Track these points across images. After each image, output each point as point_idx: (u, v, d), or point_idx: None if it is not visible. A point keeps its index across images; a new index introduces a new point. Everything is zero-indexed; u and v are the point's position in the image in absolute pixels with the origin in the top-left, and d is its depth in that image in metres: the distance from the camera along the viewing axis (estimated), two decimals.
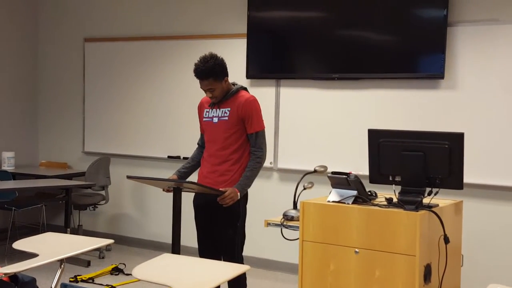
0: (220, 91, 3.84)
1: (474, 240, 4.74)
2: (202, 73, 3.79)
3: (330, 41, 5.45)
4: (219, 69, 3.80)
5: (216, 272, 2.80)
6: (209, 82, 3.79)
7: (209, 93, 3.84)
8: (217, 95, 3.84)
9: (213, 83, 3.80)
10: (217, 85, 3.81)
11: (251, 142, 3.88)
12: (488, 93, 4.87)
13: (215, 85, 3.80)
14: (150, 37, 6.45)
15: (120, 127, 6.70)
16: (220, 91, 3.84)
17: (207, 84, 3.80)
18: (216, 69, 3.79)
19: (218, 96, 3.85)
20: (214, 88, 3.81)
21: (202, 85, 3.84)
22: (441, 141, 3.05)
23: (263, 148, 3.89)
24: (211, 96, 3.86)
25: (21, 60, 7.09)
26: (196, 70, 3.80)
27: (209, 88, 3.82)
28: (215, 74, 3.78)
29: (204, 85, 3.83)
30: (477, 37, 4.89)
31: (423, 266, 2.97)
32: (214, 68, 3.78)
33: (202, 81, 3.82)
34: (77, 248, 3.14)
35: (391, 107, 5.23)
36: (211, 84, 3.80)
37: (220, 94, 3.85)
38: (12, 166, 6.66)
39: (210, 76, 3.78)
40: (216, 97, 3.86)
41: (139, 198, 6.68)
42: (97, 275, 5.45)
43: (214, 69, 3.78)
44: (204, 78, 3.79)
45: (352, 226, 3.10)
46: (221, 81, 3.82)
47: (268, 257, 5.79)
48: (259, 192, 5.42)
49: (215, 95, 3.84)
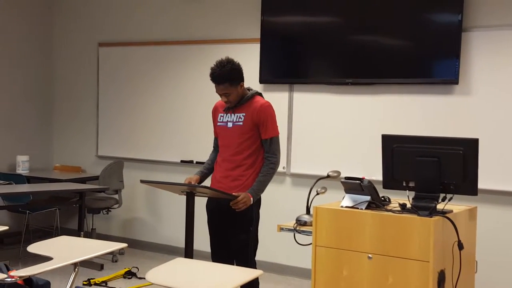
0: (236, 96, 3.84)
1: (488, 247, 4.71)
2: (218, 77, 3.78)
3: (343, 46, 5.44)
4: (236, 74, 3.80)
5: (229, 277, 2.80)
6: (225, 86, 3.79)
7: (225, 98, 3.84)
8: (232, 100, 3.84)
9: (229, 88, 3.79)
10: (233, 90, 3.81)
11: (265, 147, 3.87)
12: (503, 99, 4.83)
13: (231, 90, 3.80)
14: (163, 41, 6.48)
15: (133, 131, 6.73)
16: (236, 96, 3.84)
17: (222, 88, 3.80)
18: (233, 74, 3.78)
19: (233, 101, 3.85)
20: (230, 93, 3.81)
21: (217, 89, 3.84)
22: (455, 146, 3.03)
23: (277, 154, 3.88)
24: (226, 101, 3.86)
25: (35, 64, 7.15)
26: (213, 74, 3.80)
27: (224, 93, 3.81)
28: (231, 79, 3.78)
29: (219, 89, 3.82)
30: (491, 42, 4.86)
31: (437, 273, 2.95)
32: (230, 73, 3.78)
33: (218, 86, 3.81)
34: (90, 251, 3.16)
35: (405, 112, 5.21)
36: (226, 89, 3.79)
37: (235, 99, 3.85)
38: (27, 169, 6.70)
39: (226, 80, 3.77)
40: (231, 102, 3.86)
41: (152, 202, 6.70)
42: (110, 278, 5.47)
43: (230, 74, 3.77)
44: (220, 83, 3.79)
45: (366, 232, 3.08)
46: (237, 86, 3.82)
47: (281, 262, 5.78)
48: (272, 197, 5.42)
49: (230, 99, 3.84)
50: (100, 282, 5.35)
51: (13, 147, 6.87)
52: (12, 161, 6.77)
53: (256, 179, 3.84)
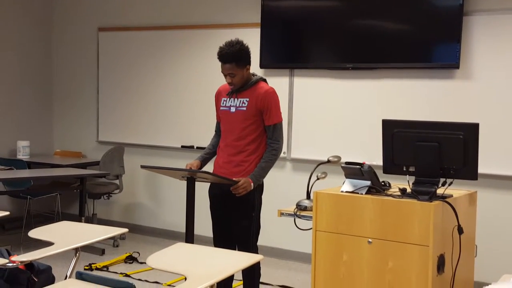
0: (240, 78, 3.81)
1: (488, 231, 4.72)
2: (225, 56, 3.76)
3: (344, 30, 5.42)
4: (243, 55, 3.78)
5: (230, 262, 2.81)
6: (231, 66, 3.76)
7: (229, 79, 3.81)
8: (236, 82, 3.81)
9: (235, 69, 3.76)
10: (238, 71, 3.78)
11: (268, 134, 3.86)
12: (504, 83, 4.82)
13: (236, 70, 3.77)
14: (164, 26, 6.45)
15: (134, 117, 6.73)
16: (240, 78, 3.81)
17: (228, 68, 3.77)
18: (240, 55, 3.76)
19: (237, 83, 3.82)
20: (235, 73, 3.78)
21: (223, 68, 3.81)
22: (456, 131, 3.03)
23: (280, 141, 3.87)
24: (230, 82, 3.82)
25: (35, 49, 7.13)
26: (221, 52, 3.77)
27: (229, 73, 3.78)
28: (239, 59, 3.75)
29: (225, 68, 3.79)
30: (493, 26, 4.84)
31: (436, 257, 2.96)
32: (238, 53, 3.76)
33: (224, 65, 3.78)
34: (91, 236, 3.17)
35: (406, 97, 5.21)
36: (232, 69, 3.76)
37: (239, 81, 3.82)
38: (27, 155, 6.71)
39: (233, 60, 3.75)
40: (235, 84, 3.83)
41: (153, 187, 6.71)
42: (111, 263, 5.49)
43: (238, 54, 3.75)
44: (227, 62, 3.76)
45: (366, 216, 3.09)
46: (243, 68, 3.79)
47: (282, 247, 5.81)
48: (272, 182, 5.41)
49: (234, 81, 3.81)
50: (101, 267, 5.37)
51: (14, 132, 6.87)
52: (13, 147, 6.77)
53: (258, 164, 3.83)
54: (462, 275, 3.24)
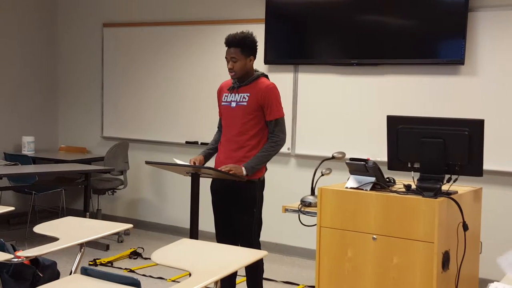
0: (242, 66, 3.81)
1: (493, 227, 4.71)
2: (231, 39, 3.82)
3: (348, 26, 5.41)
4: (249, 43, 3.82)
5: (234, 258, 2.81)
6: (235, 51, 3.79)
7: (231, 64, 3.82)
8: (237, 70, 3.82)
9: (238, 54, 3.79)
10: (241, 58, 3.80)
11: (269, 129, 3.86)
12: (509, 79, 4.80)
13: (240, 57, 3.79)
14: (168, 22, 6.45)
15: (138, 112, 6.73)
16: (241, 67, 3.82)
17: (232, 52, 3.80)
18: (246, 42, 3.81)
19: (237, 71, 3.82)
20: (237, 59, 3.79)
21: (227, 53, 3.84)
22: (461, 127, 3.02)
23: (281, 135, 3.87)
24: (231, 68, 3.83)
25: (40, 45, 7.13)
26: (228, 36, 3.84)
27: (232, 57, 3.80)
28: (244, 45, 3.80)
29: (229, 53, 3.83)
30: (498, 22, 4.82)
31: (441, 253, 2.96)
32: (244, 39, 3.81)
33: (229, 49, 3.82)
34: (96, 232, 3.17)
35: (410, 93, 5.19)
36: (236, 54, 3.79)
37: (240, 70, 3.82)
38: (32, 150, 6.72)
39: (238, 45, 3.79)
40: (236, 72, 3.83)
41: (157, 183, 6.72)
42: (116, 259, 5.51)
43: (244, 40, 3.81)
44: (231, 46, 3.81)
45: (370, 213, 3.09)
46: (246, 57, 3.81)
47: (286, 243, 5.81)
48: (276, 178, 5.43)
49: (235, 68, 3.81)
50: (106, 262, 5.38)
51: (19, 128, 6.88)
52: (18, 142, 6.78)
53: (255, 154, 3.84)
54: (467, 272, 3.23)
